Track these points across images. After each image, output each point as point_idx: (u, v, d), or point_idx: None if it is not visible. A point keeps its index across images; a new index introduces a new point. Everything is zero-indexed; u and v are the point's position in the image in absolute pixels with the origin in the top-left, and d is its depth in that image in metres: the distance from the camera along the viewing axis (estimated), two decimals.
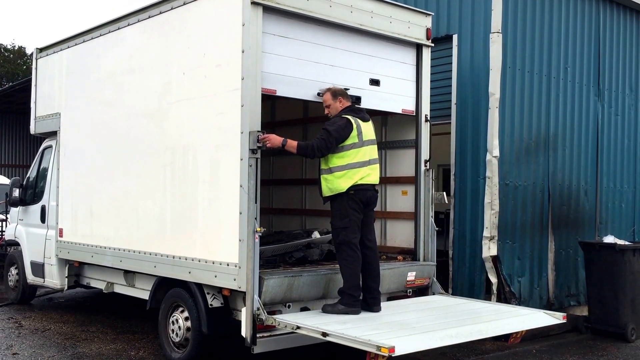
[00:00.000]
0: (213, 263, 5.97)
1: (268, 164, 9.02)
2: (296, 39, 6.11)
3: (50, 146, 9.30)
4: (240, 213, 5.63)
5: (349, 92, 6.27)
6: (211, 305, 6.14)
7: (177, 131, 6.59)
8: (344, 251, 5.73)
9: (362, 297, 5.82)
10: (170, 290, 6.68)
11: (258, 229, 5.53)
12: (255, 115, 5.68)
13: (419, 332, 5.01)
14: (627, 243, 8.16)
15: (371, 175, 5.90)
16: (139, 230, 7.11)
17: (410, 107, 7.08)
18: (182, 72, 6.54)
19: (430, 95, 7.22)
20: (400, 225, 7.46)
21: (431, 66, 7.24)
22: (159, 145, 6.82)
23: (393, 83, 6.90)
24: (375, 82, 6.71)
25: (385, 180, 7.60)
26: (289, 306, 6.00)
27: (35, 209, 9.46)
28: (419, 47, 7.09)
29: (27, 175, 9.94)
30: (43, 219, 9.22)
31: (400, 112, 7.03)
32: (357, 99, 6.41)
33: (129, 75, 7.36)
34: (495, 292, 7.81)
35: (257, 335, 5.58)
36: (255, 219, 5.58)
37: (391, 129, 7.70)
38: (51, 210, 8.96)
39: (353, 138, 5.82)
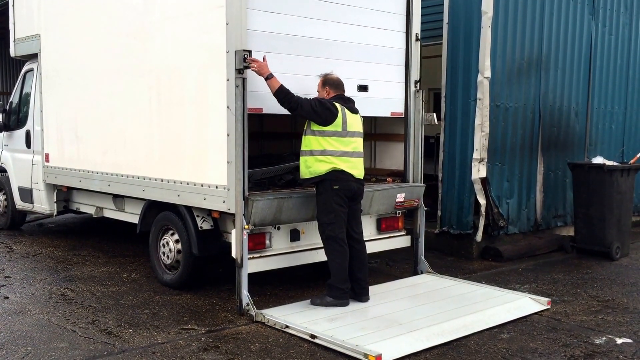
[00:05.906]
0: (202, 186, 5.94)
1: None
2: None
3: (32, 69, 9.07)
4: (228, 135, 5.55)
5: None
6: (201, 227, 6.16)
7: (162, 51, 6.41)
8: (330, 246, 5.71)
9: (351, 287, 5.84)
10: (160, 214, 6.69)
11: (246, 227, 5.50)
12: (241, 34, 5.51)
13: (406, 331, 5.07)
14: (615, 164, 8.18)
15: (356, 169, 5.76)
16: (126, 153, 7.03)
17: (399, 109, 6.89)
18: None
19: (422, 15, 7.02)
20: (390, 147, 7.41)
21: None
22: (143, 66, 6.65)
23: (382, 87, 6.67)
24: (363, 88, 6.48)
25: None
26: (278, 228, 6.02)
27: (20, 134, 9.33)
28: None
29: (10, 100, 9.73)
30: (28, 144, 9.11)
31: (389, 115, 6.85)
32: None
33: None
34: (483, 213, 7.87)
35: (248, 256, 5.62)
36: (244, 215, 5.51)
37: None
38: (36, 135, 8.84)
39: (336, 126, 5.64)
